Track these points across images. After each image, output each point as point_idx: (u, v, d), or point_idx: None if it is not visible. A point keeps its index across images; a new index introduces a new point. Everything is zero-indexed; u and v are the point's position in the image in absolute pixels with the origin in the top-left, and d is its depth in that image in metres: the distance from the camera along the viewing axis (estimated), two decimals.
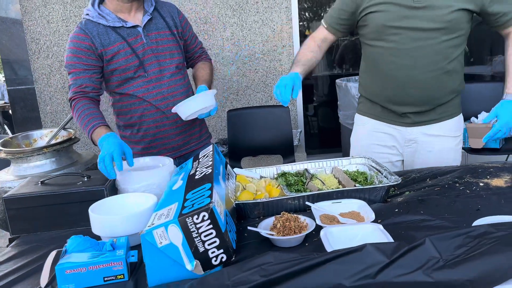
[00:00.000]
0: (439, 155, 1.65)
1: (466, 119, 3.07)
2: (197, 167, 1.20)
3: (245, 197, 1.27)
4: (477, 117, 3.04)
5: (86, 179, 1.36)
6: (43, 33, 3.34)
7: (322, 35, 1.68)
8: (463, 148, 2.99)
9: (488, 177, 1.34)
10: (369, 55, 1.64)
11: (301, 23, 3.66)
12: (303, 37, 3.55)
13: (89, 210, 1.13)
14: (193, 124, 1.76)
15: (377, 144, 1.69)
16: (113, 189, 1.35)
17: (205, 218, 0.89)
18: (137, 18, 1.63)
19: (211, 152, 1.26)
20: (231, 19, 3.34)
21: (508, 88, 1.51)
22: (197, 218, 0.89)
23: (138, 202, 1.22)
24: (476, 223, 0.95)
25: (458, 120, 1.68)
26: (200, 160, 1.26)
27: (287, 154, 2.99)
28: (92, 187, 1.29)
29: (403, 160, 1.72)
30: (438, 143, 1.64)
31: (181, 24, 1.71)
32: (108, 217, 1.13)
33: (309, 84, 4.04)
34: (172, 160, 1.46)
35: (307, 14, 4.12)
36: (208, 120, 3.49)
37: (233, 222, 1.08)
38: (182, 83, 1.71)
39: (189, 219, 0.89)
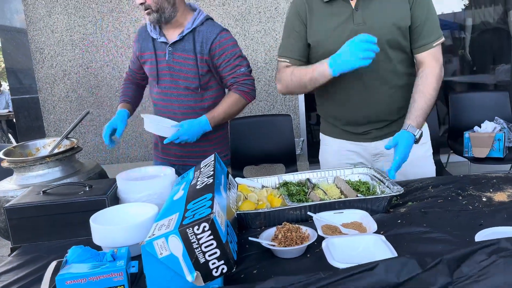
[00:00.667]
0: (412, 165, 1.53)
1: (469, 128, 3.07)
2: (198, 177, 1.20)
3: (246, 207, 1.27)
4: (480, 126, 3.04)
5: (87, 189, 1.36)
6: (47, 42, 3.37)
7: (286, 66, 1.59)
8: (467, 158, 3.00)
9: (491, 190, 1.33)
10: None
11: None
12: None
13: (90, 220, 1.13)
14: (195, 143, 1.81)
15: (346, 163, 1.65)
16: (115, 199, 1.35)
17: (206, 228, 0.89)
18: (172, 35, 1.81)
19: (213, 162, 1.26)
20: (233, 28, 3.35)
21: (410, 119, 1.44)
22: (197, 229, 0.89)
23: (139, 212, 1.22)
24: (478, 235, 0.95)
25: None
26: (202, 169, 1.26)
27: (290, 163, 2.99)
28: (93, 197, 1.29)
29: None
30: None
31: (210, 52, 1.77)
32: (108, 227, 1.12)
33: (311, 93, 4.05)
34: (173, 169, 1.46)
35: None
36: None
37: (234, 233, 1.07)
38: (191, 105, 1.85)
39: (189, 229, 0.89)
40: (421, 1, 1.49)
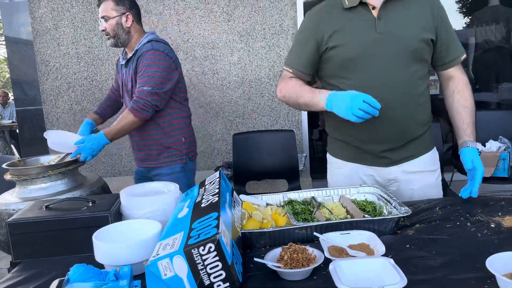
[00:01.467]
0: (422, 192, 1.58)
1: None
2: (203, 194, 1.19)
3: (251, 226, 1.25)
4: (484, 146, 3.02)
5: (90, 204, 1.35)
6: (53, 55, 3.40)
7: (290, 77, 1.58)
8: None
9: (499, 213, 1.30)
10: None
11: None
12: None
13: (93, 237, 1.11)
14: (149, 146, 2.14)
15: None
16: (118, 215, 1.34)
17: (212, 249, 0.87)
18: (127, 57, 2.13)
19: (218, 179, 1.25)
20: (238, 44, 3.38)
21: (467, 136, 1.50)
22: (203, 250, 0.87)
23: (143, 228, 1.20)
24: (489, 260, 0.93)
25: (433, 154, 1.63)
26: (207, 187, 1.25)
27: (292, 178, 2.98)
28: (96, 213, 1.28)
29: None
30: (419, 180, 1.58)
31: (137, 67, 2.03)
32: (111, 245, 1.10)
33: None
34: (177, 185, 1.45)
35: None
36: (213, 143, 3.49)
37: (239, 253, 1.06)
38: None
39: (195, 250, 0.87)
40: (444, 16, 1.50)
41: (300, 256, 1.02)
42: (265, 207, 1.42)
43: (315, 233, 1.17)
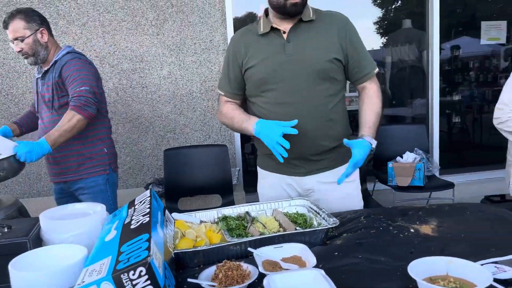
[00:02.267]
0: (340, 202, 1.66)
1: (391, 159, 3.29)
2: (132, 215, 1.14)
3: (184, 245, 1.22)
4: (402, 157, 3.26)
5: (6, 230, 1.23)
6: None
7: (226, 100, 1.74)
8: (391, 186, 3.19)
9: (417, 222, 1.41)
10: (255, 112, 1.66)
11: None
12: None
13: (9, 266, 1.01)
14: (68, 158, 2.10)
15: (283, 196, 1.69)
16: (38, 240, 1.23)
17: (143, 273, 0.84)
18: (42, 70, 2.12)
19: (149, 198, 1.21)
20: (168, 58, 3.33)
21: (364, 131, 1.59)
22: (133, 274, 0.83)
23: (66, 254, 1.11)
24: (411, 265, 0.99)
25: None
26: (136, 206, 1.20)
27: (226, 193, 2.97)
28: (13, 239, 1.17)
29: None
30: (335, 190, 1.64)
31: (61, 76, 2.02)
32: (30, 273, 1.01)
33: None
34: (104, 206, 1.37)
35: None
36: (143, 159, 3.38)
37: (172, 275, 1.02)
38: (52, 119, 2.07)
39: (124, 275, 0.83)
40: (353, 37, 1.62)
41: (235, 273, 1.02)
42: (199, 225, 1.40)
43: (249, 249, 1.17)
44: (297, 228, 1.31)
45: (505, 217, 1.41)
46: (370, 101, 1.64)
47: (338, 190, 1.64)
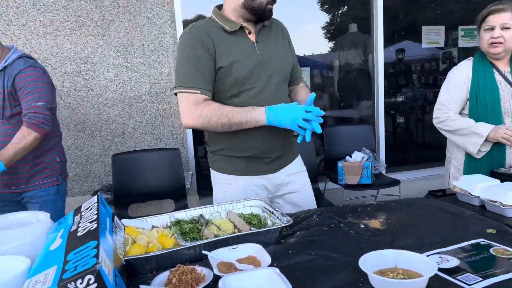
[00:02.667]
0: (302, 192, 1.79)
1: (341, 158, 3.39)
2: (79, 222, 1.08)
3: (135, 251, 1.18)
4: (351, 156, 3.37)
5: None
6: None
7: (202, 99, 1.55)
8: (341, 185, 3.29)
9: (366, 218, 1.46)
10: None
11: None
12: None
13: None
14: (18, 169, 1.99)
15: None
16: None
17: (91, 281, 0.79)
18: None
19: (96, 204, 1.15)
20: (115, 60, 3.22)
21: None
22: (81, 283, 0.79)
23: (7, 266, 1.04)
24: (362, 259, 1.02)
25: (299, 157, 1.86)
26: (83, 213, 1.14)
27: (179, 198, 2.91)
28: None
29: None
30: (299, 180, 1.78)
31: (13, 85, 1.94)
32: None
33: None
34: (48, 214, 1.30)
35: None
36: (89, 165, 3.24)
37: (123, 282, 0.98)
38: (3, 128, 1.99)
39: (71, 284, 0.79)
40: (291, 42, 1.78)
41: (189, 277, 1.00)
42: (150, 230, 1.35)
43: (204, 252, 1.15)
44: (252, 228, 1.31)
45: (446, 209, 1.50)
46: (302, 91, 1.77)
47: (300, 180, 1.78)
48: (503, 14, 1.96)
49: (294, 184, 1.76)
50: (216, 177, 1.75)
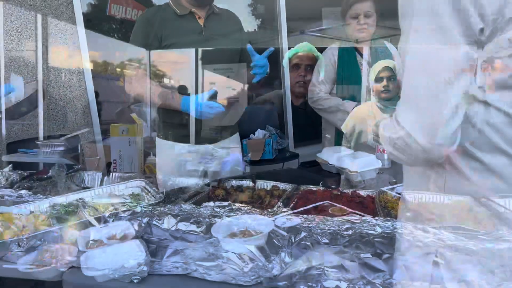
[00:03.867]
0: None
1: (246, 137, 3.57)
2: None
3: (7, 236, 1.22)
4: (254, 134, 3.56)
5: None
6: None
7: None
8: (246, 162, 3.47)
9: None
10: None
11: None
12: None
13: None
14: None
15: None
16: None
17: None
18: None
19: None
20: None
21: None
22: None
23: None
24: (214, 228, 1.17)
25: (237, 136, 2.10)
26: None
27: None
28: None
29: None
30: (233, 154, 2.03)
31: None
32: None
33: None
34: None
35: None
36: None
37: None
38: None
39: None
40: (242, 32, 2.03)
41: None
42: (28, 215, 1.40)
43: (73, 232, 1.23)
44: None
45: (302, 176, 1.73)
46: None
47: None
48: (366, 2, 2.20)
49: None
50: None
